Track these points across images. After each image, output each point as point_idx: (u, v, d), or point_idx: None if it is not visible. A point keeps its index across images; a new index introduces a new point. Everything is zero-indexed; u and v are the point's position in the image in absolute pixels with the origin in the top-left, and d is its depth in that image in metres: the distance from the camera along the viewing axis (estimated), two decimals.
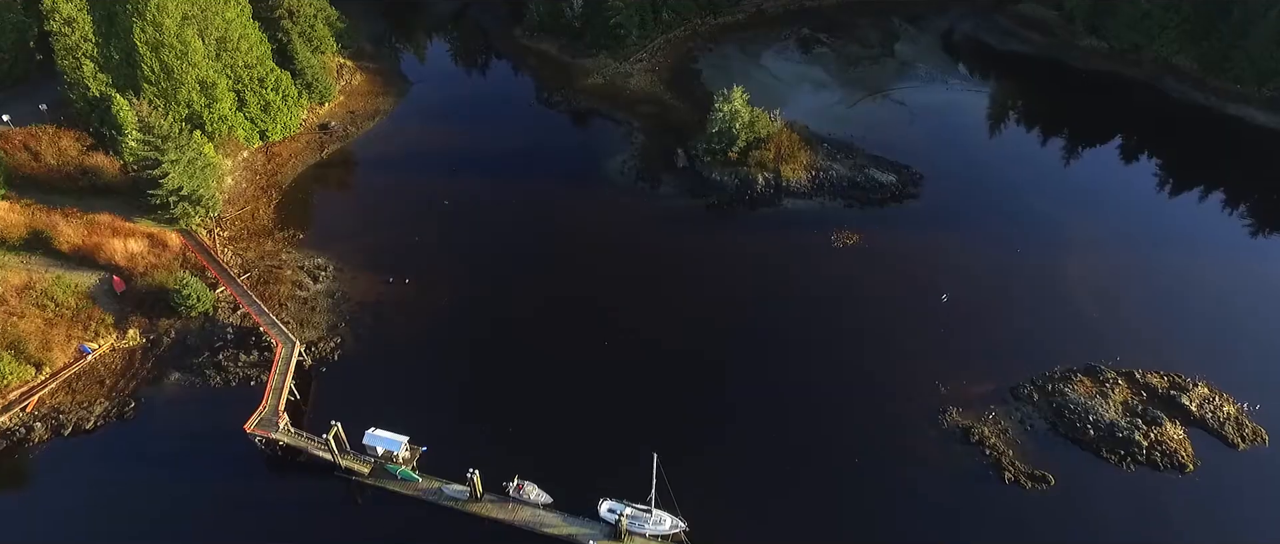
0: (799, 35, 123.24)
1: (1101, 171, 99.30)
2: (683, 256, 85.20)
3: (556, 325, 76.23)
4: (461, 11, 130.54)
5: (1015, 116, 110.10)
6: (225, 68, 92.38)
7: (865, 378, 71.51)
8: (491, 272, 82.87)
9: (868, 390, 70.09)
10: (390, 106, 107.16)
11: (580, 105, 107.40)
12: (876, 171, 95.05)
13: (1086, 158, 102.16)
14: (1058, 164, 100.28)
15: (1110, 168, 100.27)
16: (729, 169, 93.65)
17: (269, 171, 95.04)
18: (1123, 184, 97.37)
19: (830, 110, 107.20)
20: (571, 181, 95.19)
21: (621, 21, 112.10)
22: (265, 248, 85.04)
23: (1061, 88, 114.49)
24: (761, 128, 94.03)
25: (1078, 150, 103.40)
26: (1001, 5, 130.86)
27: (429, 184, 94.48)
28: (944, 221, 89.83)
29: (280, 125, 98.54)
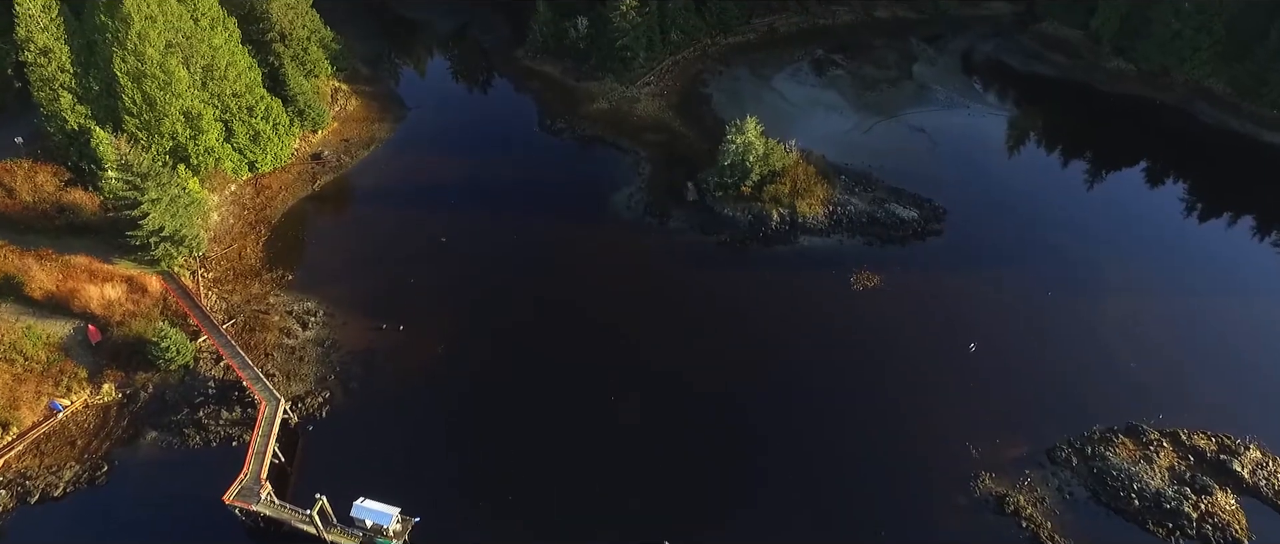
0: (813, 56, 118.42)
1: (1134, 205, 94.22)
2: (693, 301, 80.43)
3: (559, 380, 71.46)
4: (462, 31, 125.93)
5: (1041, 144, 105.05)
6: (212, 97, 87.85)
7: (890, 438, 66.64)
8: (490, 317, 78.18)
9: (893, 452, 65.19)
10: (386, 134, 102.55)
11: (585, 132, 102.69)
12: (897, 206, 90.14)
13: (1118, 189, 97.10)
14: (1087, 196, 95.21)
15: (1144, 200, 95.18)
16: (742, 204, 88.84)
17: (258, 206, 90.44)
18: (1158, 219, 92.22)
19: (846, 137, 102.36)
20: (576, 216, 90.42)
21: (628, 44, 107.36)
22: (252, 291, 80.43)
23: (1088, 112, 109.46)
24: (776, 160, 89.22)
25: (1108, 181, 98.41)
26: (1023, 24, 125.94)
27: (426, 218, 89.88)
28: (969, 261, 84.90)
29: (270, 156, 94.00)
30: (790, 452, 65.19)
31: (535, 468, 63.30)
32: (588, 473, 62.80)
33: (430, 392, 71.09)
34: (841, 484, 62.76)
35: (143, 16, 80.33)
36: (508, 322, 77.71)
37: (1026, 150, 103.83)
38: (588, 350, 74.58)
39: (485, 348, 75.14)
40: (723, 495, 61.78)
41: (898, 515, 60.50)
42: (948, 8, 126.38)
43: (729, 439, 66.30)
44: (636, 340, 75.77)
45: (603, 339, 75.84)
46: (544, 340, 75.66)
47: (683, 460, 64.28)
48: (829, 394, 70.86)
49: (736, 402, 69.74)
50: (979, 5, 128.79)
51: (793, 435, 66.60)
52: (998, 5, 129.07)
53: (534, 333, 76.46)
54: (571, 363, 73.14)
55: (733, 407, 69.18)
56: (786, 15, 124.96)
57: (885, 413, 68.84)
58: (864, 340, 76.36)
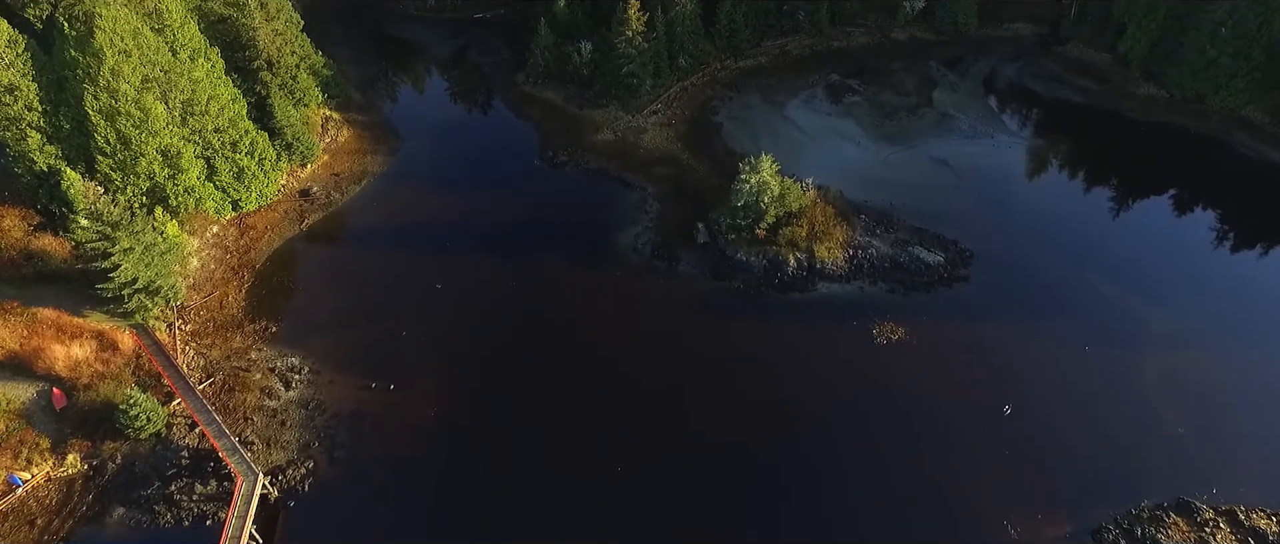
0: (828, 81, 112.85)
1: (1174, 245, 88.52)
2: (705, 356, 75.04)
3: (561, 446, 66.30)
4: (460, 54, 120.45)
5: (1069, 177, 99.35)
6: (192, 133, 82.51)
7: (920, 515, 61.44)
8: (487, 374, 72.89)
9: (921, 530, 60.05)
10: (379, 167, 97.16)
11: (588, 166, 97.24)
12: (921, 249, 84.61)
13: (1155, 227, 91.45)
14: (1122, 235, 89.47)
15: (1184, 240, 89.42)
16: (756, 248, 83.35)
17: (241, 248, 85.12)
18: (1201, 261, 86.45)
19: (865, 170, 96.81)
20: (579, 259, 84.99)
21: (634, 71, 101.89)
22: (233, 345, 75.09)
23: (1119, 142, 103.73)
24: (792, 201, 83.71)
25: (1144, 218, 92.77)
26: (1046, 46, 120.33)
27: (419, 261, 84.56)
28: (999, 311, 79.40)
29: (256, 194, 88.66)
30: (809, 523, 60.32)
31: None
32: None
33: (422, 461, 65.90)
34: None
35: (116, 51, 75.06)
36: (506, 379, 72.40)
37: (1054, 184, 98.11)
38: (591, 414, 69.35)
39: (481, 409, 69.90)
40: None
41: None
42: (968, 29, 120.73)
43: (743, 509, 61.43)
44: (645, 402, 70.49)
45: (608, 400, 70.57)
46: (544, 402, 70.40)
47: (694, 531, 59.08)
48: (851, 461, 65.80)
49: (752, 468, 64.80)
50: (1000, 26, 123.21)
51: (811, 505, 61.76)
52: (1020, 27, 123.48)
53: (533, 392, 71.18)
54: (574, 427, 67.98)
55: (748, 473, 64.22)
56: (799, 37, 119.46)
57: (913, 483, 63.63)
58: (889, 400, 70.89)
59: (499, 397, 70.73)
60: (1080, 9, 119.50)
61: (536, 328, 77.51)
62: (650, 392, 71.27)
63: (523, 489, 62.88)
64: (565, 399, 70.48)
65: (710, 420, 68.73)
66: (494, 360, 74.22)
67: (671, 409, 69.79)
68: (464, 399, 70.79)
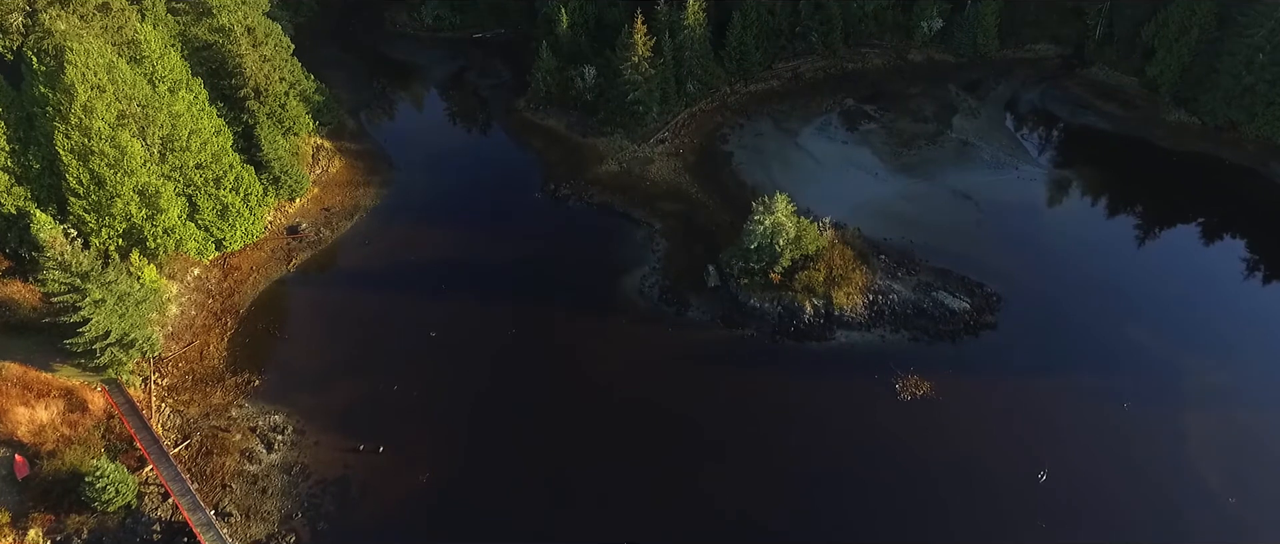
0: (842, 107, 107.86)
1: (1215, 288, 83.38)
2: (716, 412, 70.41)
3: (565, 514, 61.73)
4: (458, 76, 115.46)
5: (1099, 212, 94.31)
6: (172, 171, 77.79)
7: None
8: (483, 434, 68.21)
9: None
10: (371, 200, 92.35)
11: (592, 200, 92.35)
12: (945, 294, 79.68)
13: (1193, 268, 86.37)
14: (1158, 277, 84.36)
15: (1225, 283, 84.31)
16: (770, 294, 78.48)
17: (225, 292, 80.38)
18: (1244, 306, 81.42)
19: (883, 205, 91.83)
20: (583, 305, 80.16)
21: (640, 98, 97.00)
22: (212, 400, 70.34)
23: (1150, 174, 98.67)
24: (809, 243, 78.86)
25: (1181, 258, 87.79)
26: (1070, 69, 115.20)
27: (413, 306, 79.79)
28: (1030, 363, 74.50)
29: (241, 232, 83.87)
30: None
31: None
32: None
33: (413, 533, 61.19)
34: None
35: (89, 87, 70.32)
36: (503, 440, 67.72)
37: (1083, 219, 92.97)
38: (596, 479, 64.94)
39: (477, 474, 65.28)
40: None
41: None
42: (988, 51, 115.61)
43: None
44: (653, 464, 65.90)
45: (613, 463, 65.98)
46: (544, 464, 65.79)
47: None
48: (873, 531, 61.25)
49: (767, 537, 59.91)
50: (1021, 47, 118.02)
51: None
52: (1042, 48, 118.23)
53: (533, 455, 66.52)
54: (577, 493, 63.40)
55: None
56: (812, 59, 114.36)
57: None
58: (915, 463, 66.17)
59: (496, 459, 66.06)
60: (1105, 30, 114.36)
61: (537, 382, 72.75)
62: (659, 453, 66.64)
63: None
64: (567, 462, 65.86)
65: (723, 485, 64.16)
66: (491, 419, 69.53)
67: (681, 472, 65.21)
68: (458, 463, 66.19)
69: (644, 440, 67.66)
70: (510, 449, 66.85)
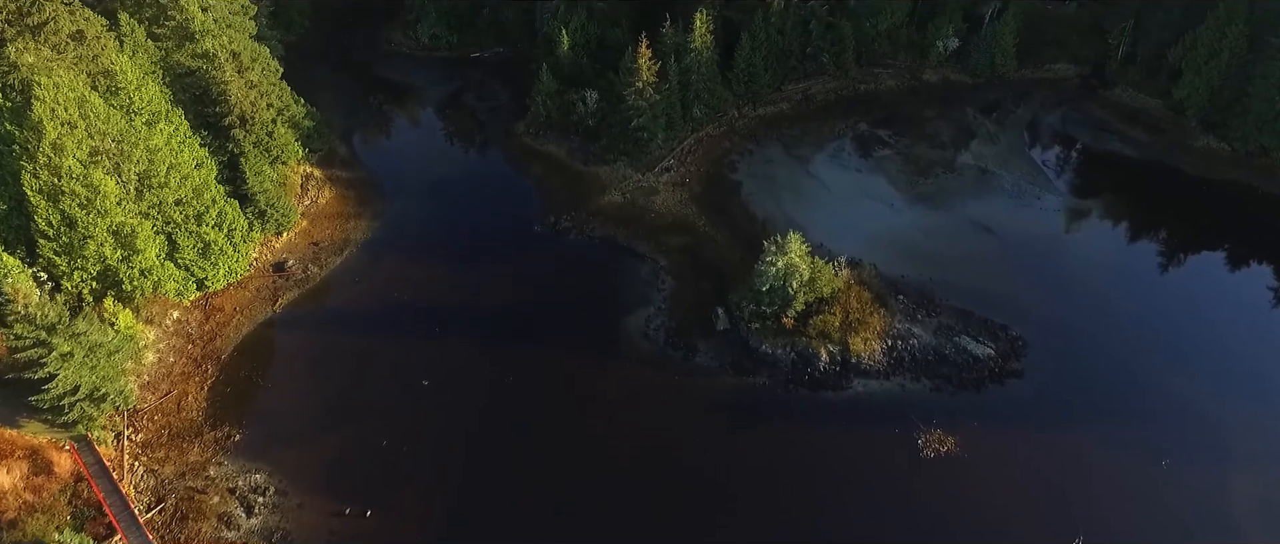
0: (855, 132, 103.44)
1: (1255, 330, 78.85)
2: (726, 467, 66.17)
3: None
4: (455, 98, 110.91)
5: (1128, 245, 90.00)
6: (150, 208, 73.50)
7: None
8: (477, 495, 63.82)
9: None
10: (362, 233, 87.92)
11: (595, 233, 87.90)
12: (967, 338, 75.30)
13: (1229, 308, 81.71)
14: (1194, 318, 80.00)
15: (1266, 325, 79.88)
16: (783, 339, 74.06)
17: (206, 335, 76.02)
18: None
19: (899, 238, 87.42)
20: (584, 349, 75.80)
21: (644, 125, 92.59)
22: (190, 458, 65.97)
23: (1180, 204, 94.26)
24: (824, 284, 74.46)
25: (1218, 297, 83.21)
26: (1091, 90, 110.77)
27: (405, 350, 75.44)
28: (1060, 415, 70.12)
29: (224, 271, 79.52)
30: None
31: None
32: None
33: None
34: None
35: (58, 124, 66.00)
36: (499, 501, 63.32)
37: (1111, 254, 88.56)
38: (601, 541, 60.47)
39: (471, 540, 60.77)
40: None
41: None
42: (1006, 71, 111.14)
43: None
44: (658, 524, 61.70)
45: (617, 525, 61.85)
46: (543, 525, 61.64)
47: None
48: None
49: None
50: (1039, 67, 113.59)
51: None
52: (1061, 68, 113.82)
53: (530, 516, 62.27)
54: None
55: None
56: (823, 80, 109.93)
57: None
58: (941, 529, 61.76)
59: (491, 523, 61.64)
60: (1128, 50, 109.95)
61: (536, 436, 68.40)
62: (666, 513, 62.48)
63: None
64: (568, 523, 61.61)
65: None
66: (486, 478, 65.11)
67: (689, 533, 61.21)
68: (451, 528, 61.80)
69: (650, 499, 63.52)
70: (507, 511, 62.48)
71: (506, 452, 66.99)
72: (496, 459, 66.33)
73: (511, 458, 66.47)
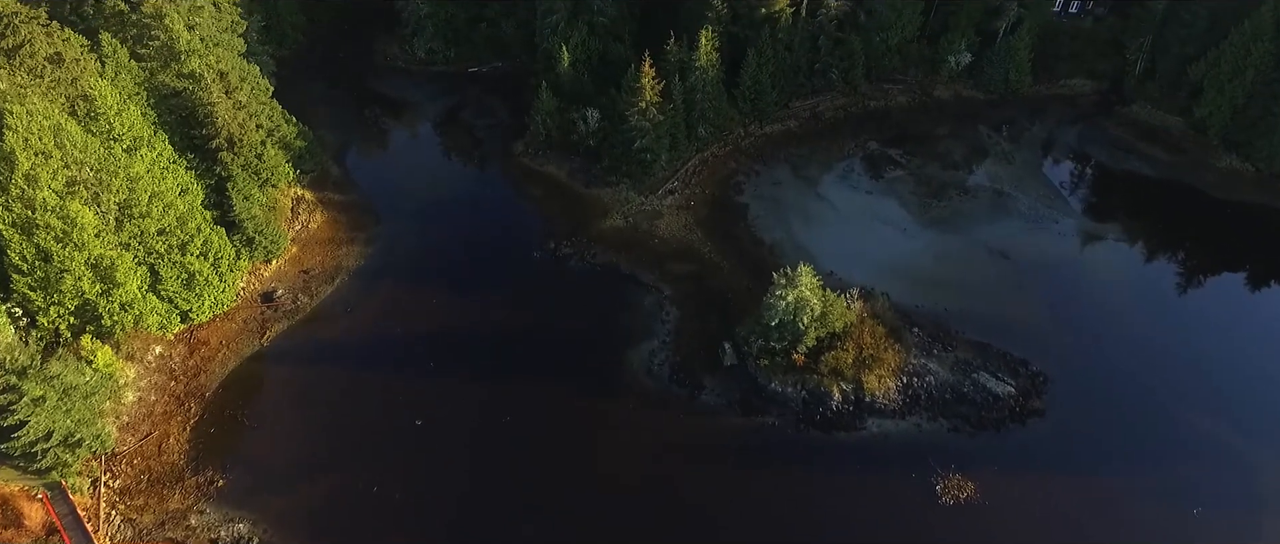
0: (865, 151, 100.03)
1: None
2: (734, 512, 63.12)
3: None
4: (453, 114, 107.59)
5: (1151, 272, 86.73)
6: (131, 239, 70.26)
7: None
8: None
9: None
10: (355, 260, 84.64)
11: (596, 260, 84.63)
12: (986, 375, 71.96)
13: (1262, 340, 78.19)
14: (1223, 351, 76.44)
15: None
16: (793, 377, 70.73)
17: (190, 371, 72.81)
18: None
19: (912, 264, 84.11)
20: (585, 385, 72.50)
21: (648, 146, 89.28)
22: (170, 505, 62.79)
23: (1203, 227, 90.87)
24: (836, 319, 71.12)
25: (1246, 328, 79.71)
26: (1108, 107, 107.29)
27: (397, 386, 72.20)
28: (1084, 458, 66.90)
29: (209, 302, 76.25)
30: None
31: None
32: None
33: None
34: None
35: (32, 153, 62.92)
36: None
37: (1132, 281, 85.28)
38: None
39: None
40: None
41: None
42: (1020, 87, 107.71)
43: None
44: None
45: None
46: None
47: None
48: None
49: None
50: (1054, 83, 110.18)
51: None
52: (1077, 83, 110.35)
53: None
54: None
55: None
56: (831, 96, 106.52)
57: None
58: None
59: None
60: (1146, 65, 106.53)
61: (533, 479, 65.15)
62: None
63: None
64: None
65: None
66: (481, 524, 61.95)
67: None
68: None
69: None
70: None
71: (500, 497, 63.76)
72: (492, 504, 63.15)
73: (506, 504, 63.23)
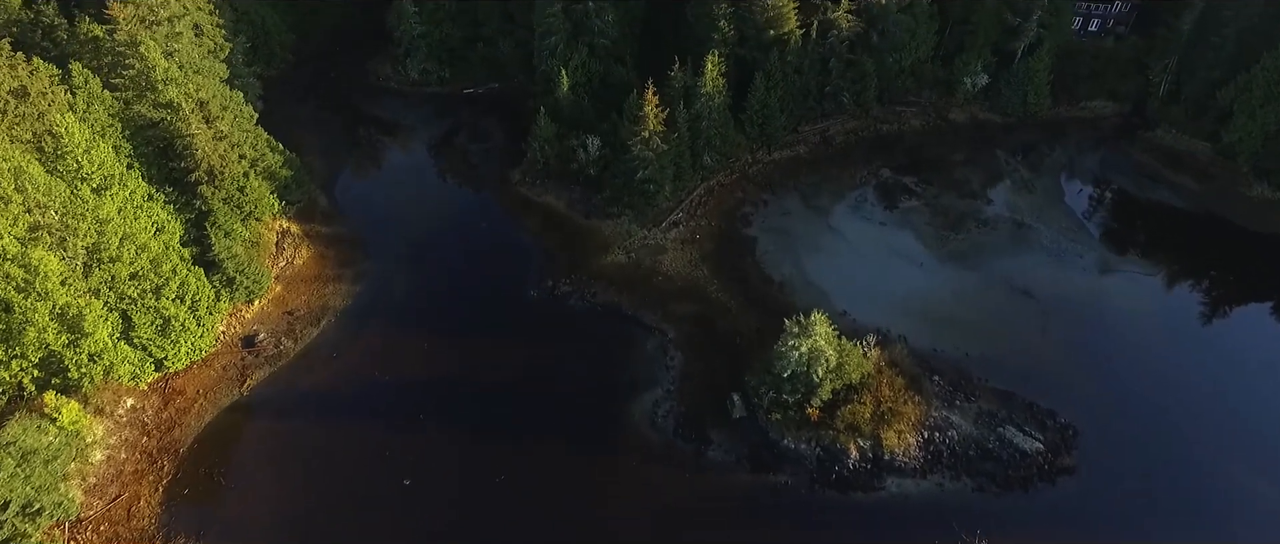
0: (878, 179, 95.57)
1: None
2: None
3: None
4: (448, 138, 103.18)
5: (1183, 311, 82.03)
6: (100, 285, 65.87)
7: None
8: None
9: None
10: (342, 300, 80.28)
11: (596, 299, 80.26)
12: (1012, 429, 67.51)
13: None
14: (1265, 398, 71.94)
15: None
16: (807, 432, 66.35)
17: (163, 425, 68.41)
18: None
19: (930, 303, 79.73)
20: (585, 439, 68.13)
21: (651, 177, 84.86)
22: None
23: (1237, 261, 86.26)
24: (852, 370, 66.64)
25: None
26: (1131, 130, 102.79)
27: (385, 442, 67.79)
28: (1119, 520, 62.46)
29: (186, 349, 71.84)
30: None
31: None
32: None
33: None
34: None
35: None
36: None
37: (1163, 321, 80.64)
38: None
39: None
40: None
41: None
42: (1039, 110, 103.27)
43: None
44: None
45: None
46: None
47: None
48: None
49: None
50: (1075, 105, 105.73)
51: None
52: (1098, 105, 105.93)
53: None
54: None
55: None
56: (842, 120, 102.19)
57: None
58: None
59: None
60: (1171, 86, 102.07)
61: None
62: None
63: None
64: None
65: None
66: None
67: None
68: None
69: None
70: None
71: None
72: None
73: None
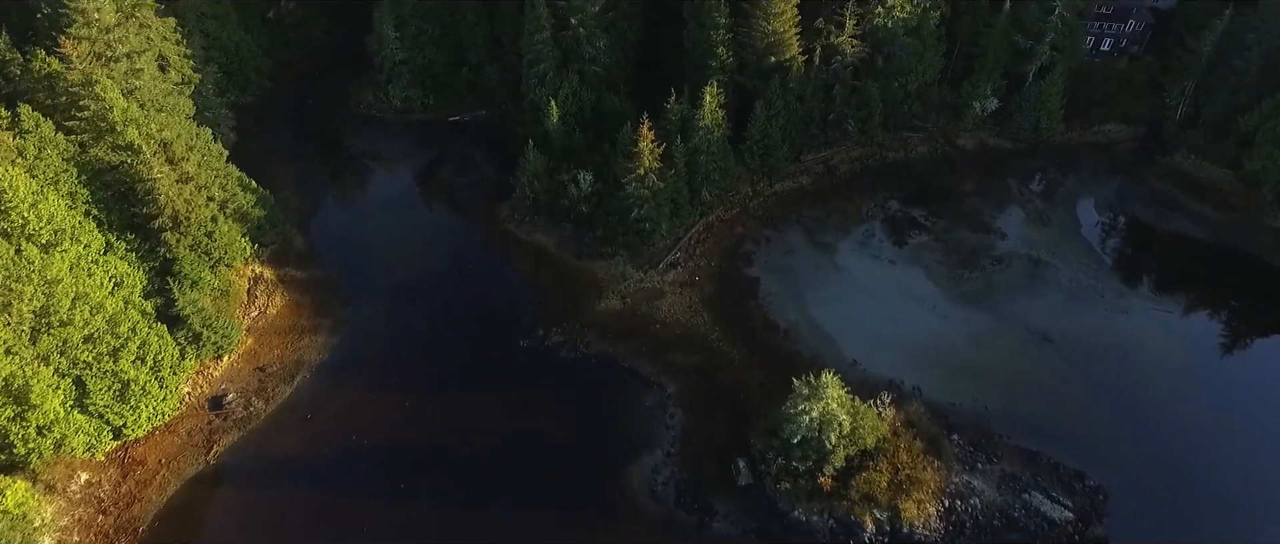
0: (886, 211, 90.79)
1: None
2: None
3: None
4: (432, 170, 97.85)
5: (1211, 354, 77.46)
6: (50, 351, 60.54)
7: None
8: None
9: None
10: (317, 353, 75.09)
11: (590, 349, 75.29)
12: (1039, 496, 62.89)
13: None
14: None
15: None
16: (820, 503, 61.48)
17: (122, 500, 63.16)
18: None
19: (945, 350, 75.12)
20: (580, 508, 63.35)
21: (647, 215, 79.91)
22: None
23: (1264, 298, 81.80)
24: (867, 433, 61.75)
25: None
26: (1148, 158, 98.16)
27: (362, 514, 62.93)
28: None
29: (147, 414, 66.56)
30: None
31: None
32: None
33: None
34: None
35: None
36: None
37: (1192, 366, 75.87)
38: None
39: None
40: None
41: None
42: (1051, 135, 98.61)
43: None
44: None
45: None
46: None
47: None
48: None
49: None
50: (1088, 130, 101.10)
51: None
52: (1112, 129, 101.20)
53: None
54: None
55: None
56: (846, 147, 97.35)
57: None
58: None
59: None
60: (1189, 110, 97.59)
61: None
62: None
63: None
64: None
65: None
66: None
67: None
68: None
69: None
70: None
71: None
72: None
73: None
